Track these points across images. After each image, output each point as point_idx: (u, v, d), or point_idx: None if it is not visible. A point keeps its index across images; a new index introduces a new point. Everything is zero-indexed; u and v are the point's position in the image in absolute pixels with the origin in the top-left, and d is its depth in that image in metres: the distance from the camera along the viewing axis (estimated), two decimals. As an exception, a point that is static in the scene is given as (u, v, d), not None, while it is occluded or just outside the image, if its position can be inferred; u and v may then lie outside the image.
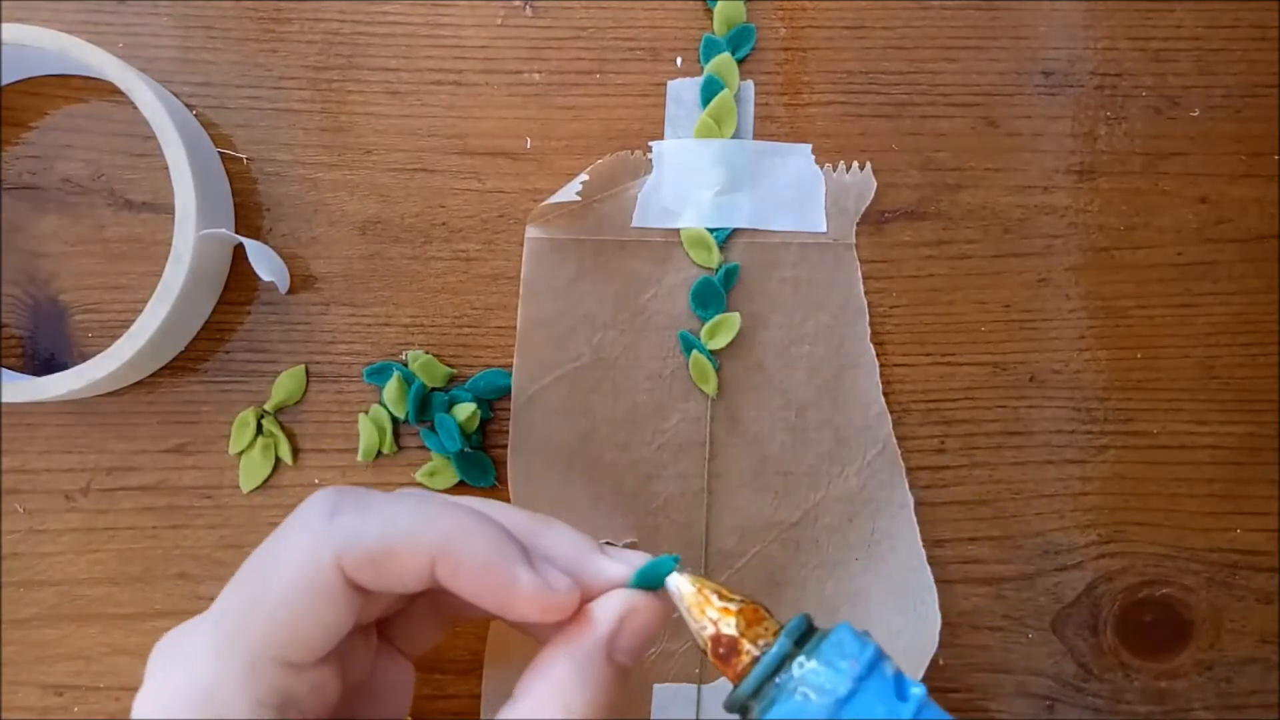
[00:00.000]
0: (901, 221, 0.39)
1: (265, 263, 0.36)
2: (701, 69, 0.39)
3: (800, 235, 0.39)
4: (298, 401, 0.39)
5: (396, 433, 0.39)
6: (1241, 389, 0.40)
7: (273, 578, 0.26)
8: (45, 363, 0.38)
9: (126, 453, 0.38)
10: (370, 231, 0.39)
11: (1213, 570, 0.40)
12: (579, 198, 0.37)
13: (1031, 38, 0.39)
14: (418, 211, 0.39)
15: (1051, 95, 0.40)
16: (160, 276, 0.34)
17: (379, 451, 0.38)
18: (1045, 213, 0.39)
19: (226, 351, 0.39)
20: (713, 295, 0.38)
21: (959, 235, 0.39)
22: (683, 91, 0.39)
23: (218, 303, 0.39)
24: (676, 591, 0.27)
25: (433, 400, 0.38)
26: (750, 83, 0.39)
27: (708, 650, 0.26)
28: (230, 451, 0.38)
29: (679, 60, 0.39)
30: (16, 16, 0.38)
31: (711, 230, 0.38)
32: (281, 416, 0.39)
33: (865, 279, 0.39)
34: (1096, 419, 0.40)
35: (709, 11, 0.39)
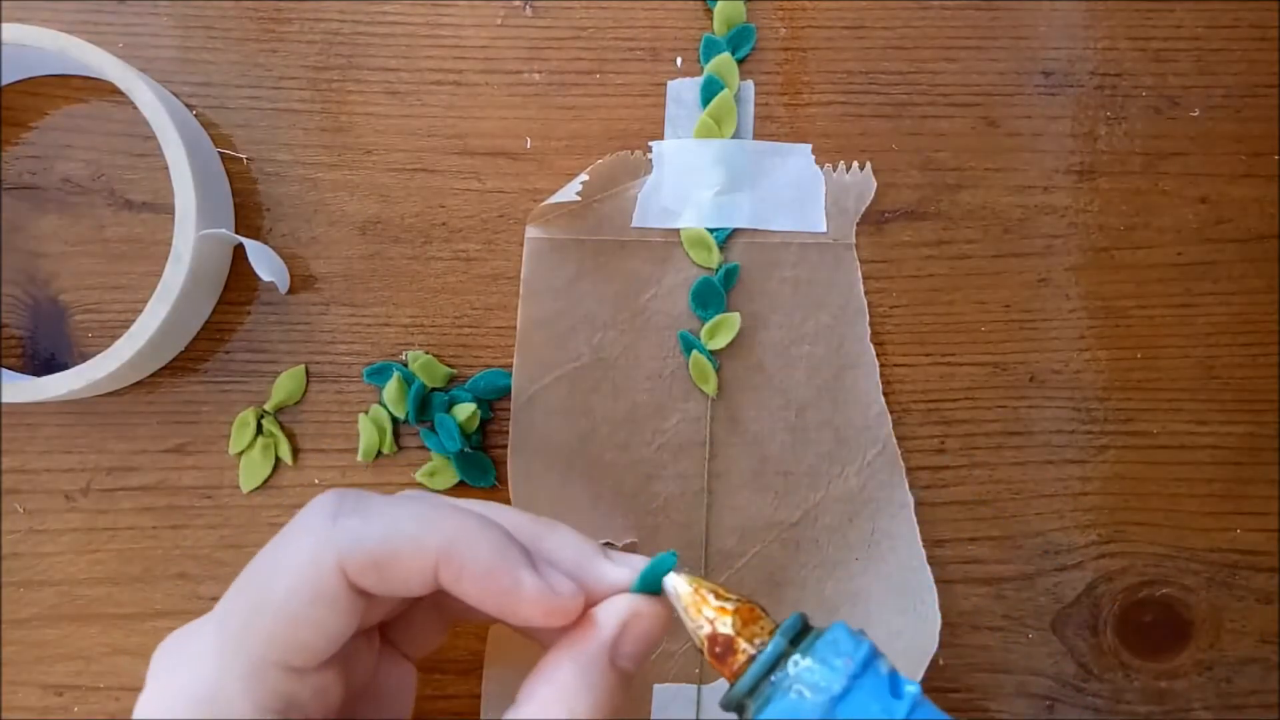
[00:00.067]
0: (901, 221, 0.39)
1: (265, 263, 0.36)
2: (701, 69, 0.39)
3: (800, 235, 0.39)
4: (298, 401, 0.39)
5: (396, 433, 0.39)
6: (1241, 389, 0.40)
7: (275, 582, 0.26)
8: (45, 363, 0.38)
9: (126, 453, 0.38)
10: (370, 231, 0.39)
11: (1213, 570, 0.40)
12: (579, 198, 0.37)
13: (1031, 38, 0.39)
14: (418, 211, 0.39)
15: (1051, 95, 0.40)
16: (160, 276, 0.34)
17: (379, 451, 0.38)
18: (1045, 213, 0.39)
19: (226, 351, 0.39)
20: (713, 295, 0.38)
21: (959, 235, 0.39)
22: (683, 91, 0.39)
23: (218, 303, 0.39)
24: (673, 591, 0.27)
25: (433, 400, 0.38)
26: (750, 83, 0.39)
27: (704, 649, 0.26)
28: (230, 451, 0.38)
29: (679, 60, 0.39)
30: (16, 16, 0.38)
31: (711, 230, 0.38)
32: (281, 416, 0.39)
33: (865, 279, 0.39)
34: (1096, 419, 0.40)
35: (709, 11, 0.39)
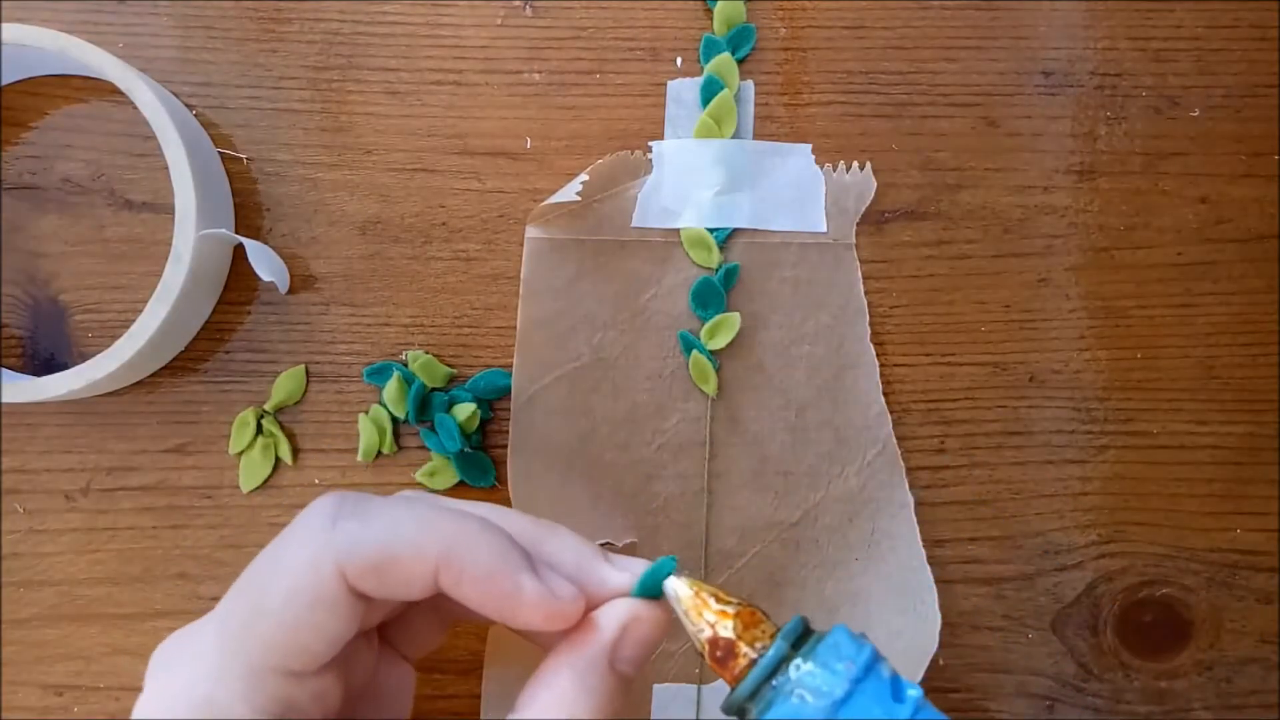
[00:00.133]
0: (901, 221, 0.39)
1: (265, 263, 0.36)
2: (701, 69, 0.39)
3: (800, 235, 0.39)
4: (298, 401, 0.39)
5: (396, 433, 0.39)
6: (1241, 389, 0.40)
7: (274, 586, 0.26)
8: (45, 363, 0.38)
9: (126, 453, 0.38)
10: (370, 231, 0.39)
11: (1213, 570, 0.40)
12: (579, 198, 0.37)
13: (1031, 38, 0.39)
14: (418, 211, 0.39)
15: (1051, 95, 0.39)
16: (160, 276, 0.34)
17: (379, 451, 0.38)
18: (1045, 213, 0.39)
19: (226, 351, 0.39)
20: (713, 295, 0.38)
21: (959, 235, 0.39)
22: (683, 91, 0.39)
23: (218, 303, 0.39)
24: (674, 594, 0.27)
25: (433, 400, 0.38)
26: (750, 83, 0.39)
27: (705, 653, 0.26)
28: (230, 451, 0.38)
29: (679, 60, 0.39)
30: (16, 16, 0.38)
31: (711, 230, 0.38)
32: (281, 416, 0.39)
33: (865, 279, 0.39)
34: (1096, 419, 0.40)
35: (709, 11, 0.39)
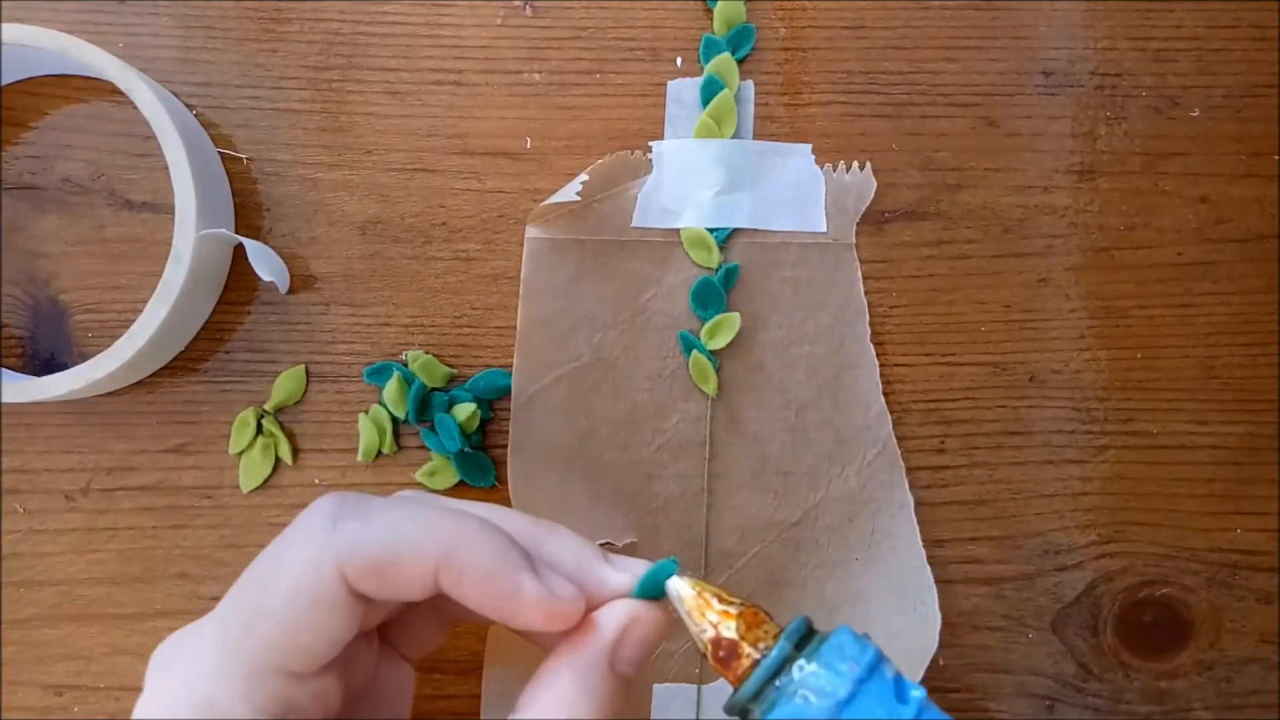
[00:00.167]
0: (901, 221, 0.39)
1: (265, 263, 0.36)
2: (701, 69, 0.39)
3: (800, 235, 0.39)
4: (298, 401, 0.39)
5: (396, 433, 0.39)
6: (1241, 389, 0.40)
7: (275, 586, 0.26)
8: (45, 363, 0.38)
9: (126, 453, 0.38)
10: (370, 231, 0.39)
11: (1213, 570, 0.40)
12: (579, 198, 0.37)
13: (1031, 38, 0.39)
14: (418, 211, 0.39)
15: (1051, 95, 0.39)
16: (160, 276, 0.34)
17: (379, 451, 0.38)
18: (1045, 213, 0.39)
19: (226, 351, 0.39)
20: (713, 295, 0.38)
21: (959, 235, 0.39)
22: (683, 91, 0.39)
23: (218, 303, 0.39)
24: (676, 595, 0.27)
25: (433, 400, 0.38)
26: (750, 83, 0.39)
27: (708, 653, 0.26)
28: (230, 451, 0.38)
29: (679, 60, 0.39)
30: (16, 16, 0.38)
31: (711, 230, 0.38)
32: (281, 416, 0.39)
33: (865, 279, 0.39)
34: (1096, 419, 0.40)
35: (709, 11, 0.39)
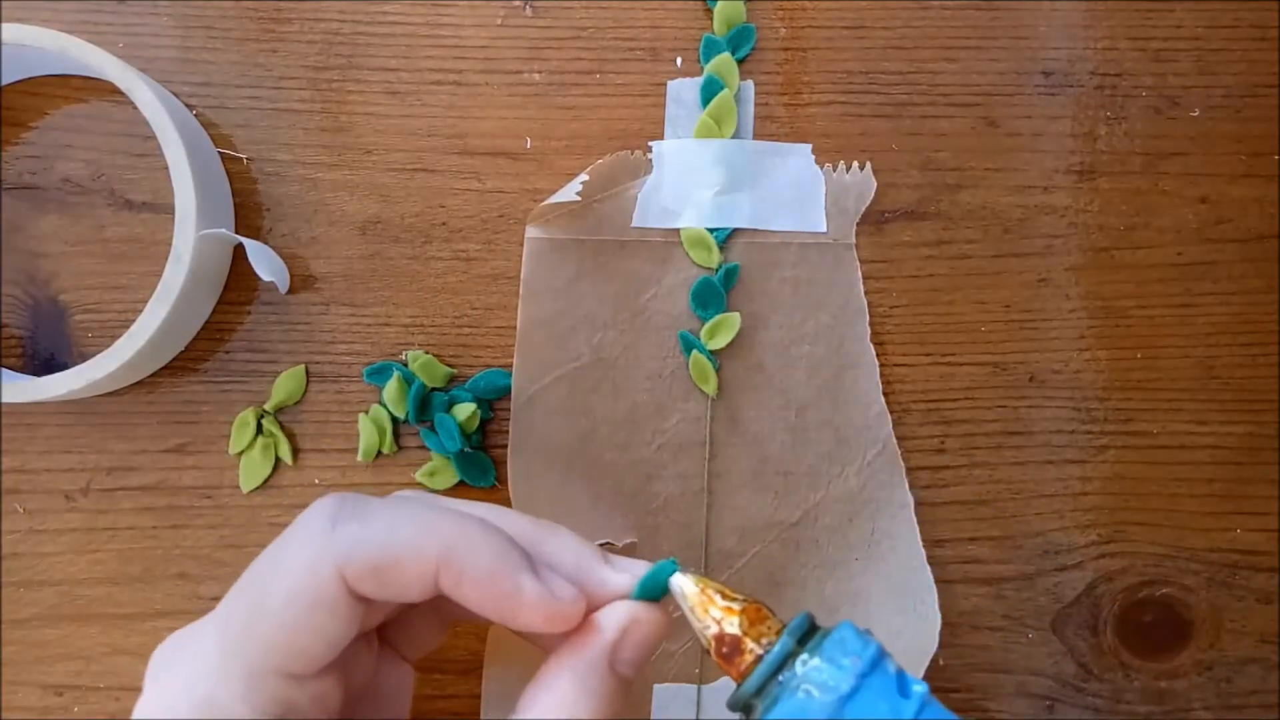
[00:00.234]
0: (901, 221, 0.39)
1: (265, 263, 0.36)
2: (701, 69, 0.39)
3: (800, 235, 0.39)
4: (298, 401, 0.39)
5: (396, 433, 0.39)
6: (1241, 389, 0.40)
7: (274, 588, 0.25)
8: (45, 363, 0.38)
9: (126, 453, 0.38)
10: (370, 231, 0.39)
11: (1213, 570, 0.40)
12: (579, 198, 0.37)
13: (1031, 38, 0.39)
14: (418, 211, 0.39)
15: (1051, 95, 0.40)
16: (160, 276, 0.34)
17: (379, 451, 0.38)
18: (1045, 213, 0.40)
19: (226, 351, 0.39)
20: (713, 295, 0.38)
21: (959, 235, 0.39)
22: (683, 91, 0.39)
23: (218, 303, 0.39)
24: (680, 591, 0.27)
25: (433, 400, 0.38)
26: (750, 83, 0.39)
27: (711, 649, 0.26)
28: (230, 451, 0.38)
29: (679, 60, 0.39)
30: (16, 16, 0.38)
31: (711, 230, 0.38)
32: (281, 416, 0.39)
33: (865, 279, 0.39)
34: (1096, 419, 0.40)
35: (709, 11, 0.39)
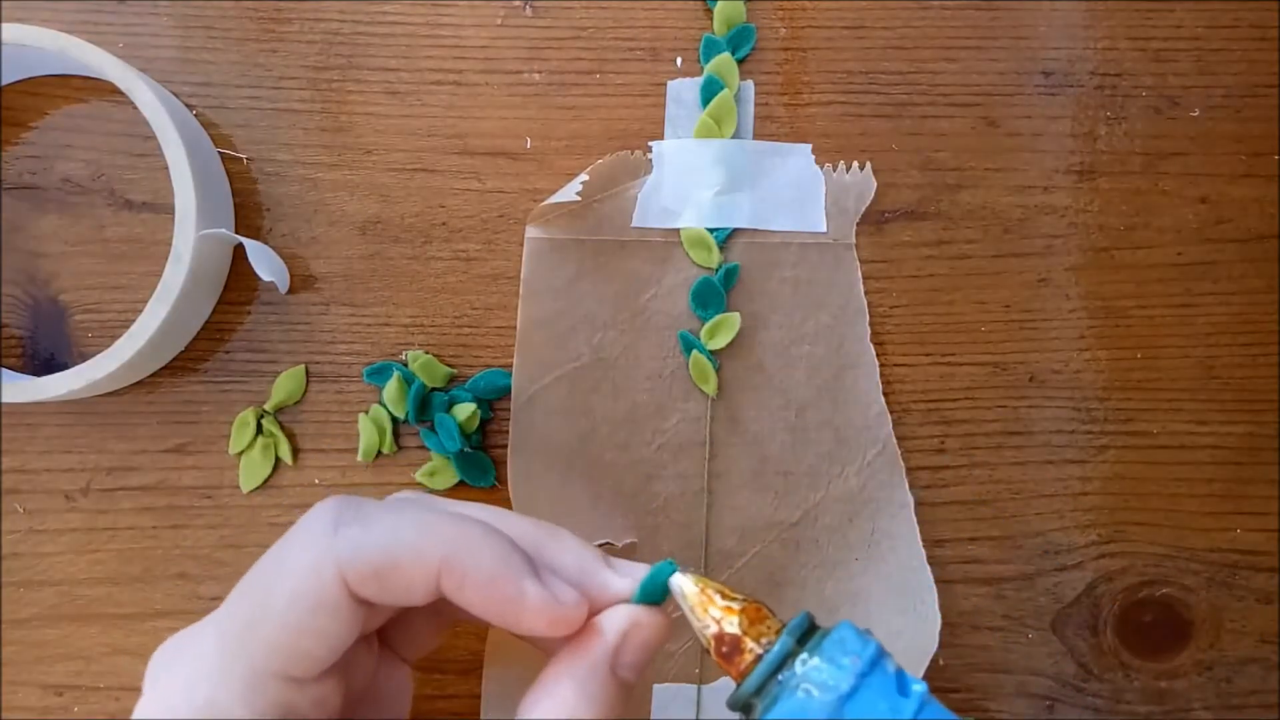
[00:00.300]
0: (901, 221, 0.39)
1: (265, 263, 0.36)
2: (701, 69, 0.39)
3: (800, 235, 0.39)
4: (298, 401, 0.39)
5: (396, 433, 0.39)
6: (1241, 389, 0.40)
7: (275, 591, 0.25)
8: (45, 363, 0.38)
9: (126, 453, 0.38)
10: (370, 231, 0.39)
11: (1213, 570, 0.40)
12: (579, 198, 0.37)
13: (1031, 38, 0.39)
14: (418, 211, 0.39)
15: (1051, 95, 0.40)
16: (160, 276, 0.34)
17: (379, 451, 0.38)
18: (1045, 213, 0.40)
19: (226, 351, 0.39)
20: (713, 295, 0.38)
21: (959, 235, 0.39)
22: (683, 91, 0.39)
23: (218, 303, 0.39)
24: (680, 591, 0.27)
25: (433, 400, 0.38)
26: (750, 83, 0.39)
27: (711, 649, 0.26)
28: (230, 451, 0.38)
29: (679, 60, 0.39)
30: (16, 16, 0.38)
31: (711, 230, 0.38)
32: (281, 416, 0.39)
33: (865, 279, 0.39)
34: (1096, 419, 0.40)
35: (709, 11, 0.39)
